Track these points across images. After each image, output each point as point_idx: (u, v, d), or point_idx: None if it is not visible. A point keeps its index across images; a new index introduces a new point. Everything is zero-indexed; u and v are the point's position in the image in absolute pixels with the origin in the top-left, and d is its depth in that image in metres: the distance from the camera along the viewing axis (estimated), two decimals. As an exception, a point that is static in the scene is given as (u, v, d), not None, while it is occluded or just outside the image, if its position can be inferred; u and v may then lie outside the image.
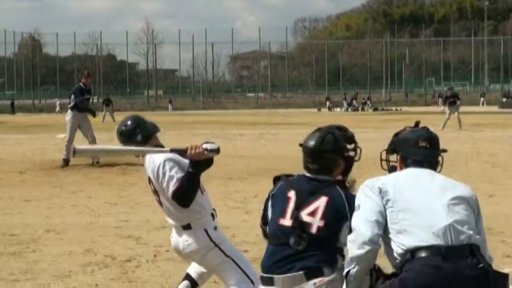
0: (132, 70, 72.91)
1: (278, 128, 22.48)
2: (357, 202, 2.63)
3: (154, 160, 3.47)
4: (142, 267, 4.85)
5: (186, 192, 3.31)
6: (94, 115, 11.61)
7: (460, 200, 2.57)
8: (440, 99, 53.40)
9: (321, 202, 2.73)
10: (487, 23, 67.18)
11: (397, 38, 71.81)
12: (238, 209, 7.13)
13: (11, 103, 51.25)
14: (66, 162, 11.04)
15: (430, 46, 72.32)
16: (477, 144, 14.71)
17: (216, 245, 3.47)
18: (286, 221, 2.76)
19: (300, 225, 2.72)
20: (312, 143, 2.85)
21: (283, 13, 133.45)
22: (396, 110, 46.14)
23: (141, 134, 3.56)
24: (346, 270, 2.53)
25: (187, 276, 3.81)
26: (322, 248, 2.68)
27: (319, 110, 47.70)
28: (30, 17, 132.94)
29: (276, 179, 2.93)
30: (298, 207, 2.74)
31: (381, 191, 2.58)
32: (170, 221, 3.58)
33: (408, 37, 74.77)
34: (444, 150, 2.81)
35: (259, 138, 17.64)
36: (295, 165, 3.48)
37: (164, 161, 3.41)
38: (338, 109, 47.88)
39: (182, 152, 3.27)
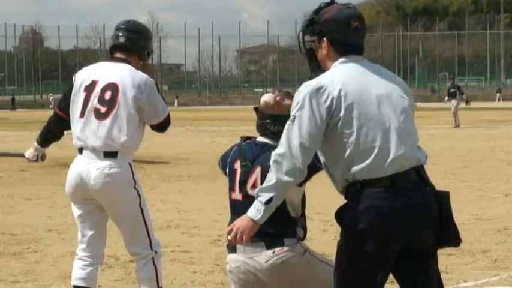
0: (136, 65, 73.05)
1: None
2: (294, 111, 2.32)
3: (142, 75, 3.32)
4: (146, 268, 4.72)
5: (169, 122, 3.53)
6: None
7: (408, 108, 2.42)
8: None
9: (257, 173, 2.80)
10: (504, 16, 66.63)
11: (410, 32, 71.35)
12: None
13: (11, 98, 51.48)
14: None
15: (444, 40, 71.77)
16: (492, 142, 14.48)
17: (135, 187, 3.29)
18: (237, 195, 2.84)
19: (250, 200, 2.73)
20: None
21: (292, 5, 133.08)
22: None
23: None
24: (268, 196, 2.31)
25: None
26: (277, 218, 2.61)
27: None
28: (31, 10, 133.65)
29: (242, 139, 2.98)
30: (244, 179, 2.82)
31: (330, 110, 2.29)
32: (94, 143, 3.29)
33: (422, 30, 74.32)
34: None
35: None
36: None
37: (156, 84, 3.38)
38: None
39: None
